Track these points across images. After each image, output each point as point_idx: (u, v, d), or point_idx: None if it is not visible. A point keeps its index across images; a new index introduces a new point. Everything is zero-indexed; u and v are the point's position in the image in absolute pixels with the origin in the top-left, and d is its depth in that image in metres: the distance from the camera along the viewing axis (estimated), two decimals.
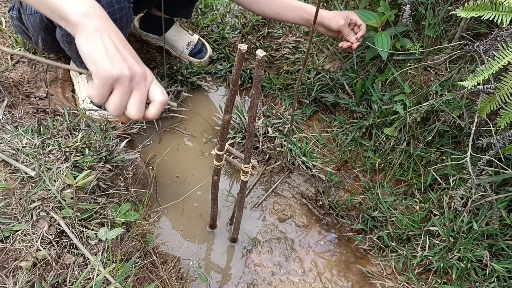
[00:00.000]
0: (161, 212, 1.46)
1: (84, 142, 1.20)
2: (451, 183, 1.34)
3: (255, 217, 1.51)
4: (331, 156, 1.60)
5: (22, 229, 1.00)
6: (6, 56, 1.54)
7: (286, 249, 1.44)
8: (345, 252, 1.45)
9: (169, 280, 1.22)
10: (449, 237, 1.28)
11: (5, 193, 1.04)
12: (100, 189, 1.21)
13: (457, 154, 1.35)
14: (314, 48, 1.76)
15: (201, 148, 1.64)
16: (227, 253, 1.42)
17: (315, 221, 1.52)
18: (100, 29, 0.69)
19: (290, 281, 1.37)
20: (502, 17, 1.05)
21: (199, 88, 1.80)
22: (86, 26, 0.69)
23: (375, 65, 1.60)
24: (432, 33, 1.41)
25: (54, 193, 1.05)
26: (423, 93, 1.40)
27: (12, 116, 1.29)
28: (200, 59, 1.80)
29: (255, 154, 1.61)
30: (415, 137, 1.43)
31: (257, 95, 0.85)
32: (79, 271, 1.00)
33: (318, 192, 1.54)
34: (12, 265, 0.95)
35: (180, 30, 1.78)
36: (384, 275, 1.37)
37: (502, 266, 1.20)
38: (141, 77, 0.70)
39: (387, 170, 1.50)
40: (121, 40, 0.71)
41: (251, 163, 1.05)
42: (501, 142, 1.13)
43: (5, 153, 1.11)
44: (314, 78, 1.69)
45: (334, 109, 1.71)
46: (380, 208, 1.43)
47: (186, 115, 1.71)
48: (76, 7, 0.69)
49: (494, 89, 1.09)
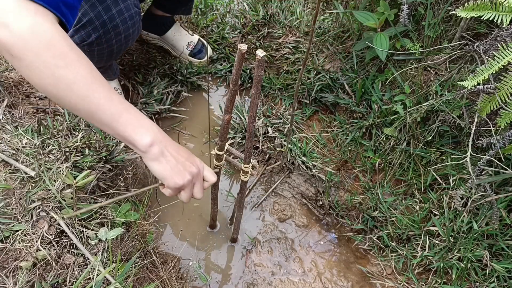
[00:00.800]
0: (161, 212, 1.46)
1: (84, 142, 1.20)
2: (451, 183, 1.34)
3: (255, 217, 1.51)
4: (331, 156, 1.60)
5: (22, 229, 1.00)
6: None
7: (286, 249, 1.44)
8: (345, 252, 1.45)
9: (169, 280, 1.22)
10: (449, 237, 1.28)
11: (5, 193, 1.04)
12: (100, 189, 1.21)
13: (457, 154, 1.35)
14: (314, 48, 1.76)
15: (201, 148, 1.64)
16: (227, 253, 1.42)
17: (315, 221, 1.52)
18: (163, 151, 0.85)
19: (290, 281, 1.37)
20: (502, 17, 1.05)
21: (199, 88, 1.80)
22: (153, 153, 0.84)
23: (375, 65, 1.60)
24: (432, 33, 1.41)
25: (54, 193, 1.05)
26: (423, 93, 1.40)
27: (12, 116, 1.29)
28: (200, 59, 1.80)
29: (255, 154, 1.61)
30: (415, 137, 1.43)
31: (257, 95, 0.85)
32: (79, 271, 1.00)
33: (318, 192, 1.54)
34: (12, 265, 0.95)
35: (180, 30, 1.78)
36: (384, 275, 1.37)
37: (502, 266, 1.20)
38: (198, 173, 0.92)
39: (387, 170, 1.50)
40: (177, 149, 0.89)
41: (251, 163, 1.05)
42: (501, 142, 1.13)
43: (5, 153, 1.11)
44: (314, 78, 1.69)
45: (334, 109, 1.71)
46: (380, 208, 1.43)
47: (186, 115, 1.71)
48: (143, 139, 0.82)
49: (494, 89, 1.09)
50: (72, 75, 0.76)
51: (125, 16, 1.24)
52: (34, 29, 0.72)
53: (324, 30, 1.77)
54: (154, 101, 1.64)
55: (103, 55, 1.29)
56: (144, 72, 1.73)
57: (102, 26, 1.21)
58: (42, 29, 0.73)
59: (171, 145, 0.87)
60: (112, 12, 1.21)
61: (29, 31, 0.71)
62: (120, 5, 1.23)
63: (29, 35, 0.71)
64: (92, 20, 1.18)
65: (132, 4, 1.27)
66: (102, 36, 1.22)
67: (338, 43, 1.72)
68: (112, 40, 1.25)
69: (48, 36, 0.73)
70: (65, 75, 0.75)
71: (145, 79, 1.71)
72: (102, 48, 1.25)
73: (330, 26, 1.78)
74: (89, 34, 1.19)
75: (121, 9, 1.23)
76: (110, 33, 1.23)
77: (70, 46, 0.76)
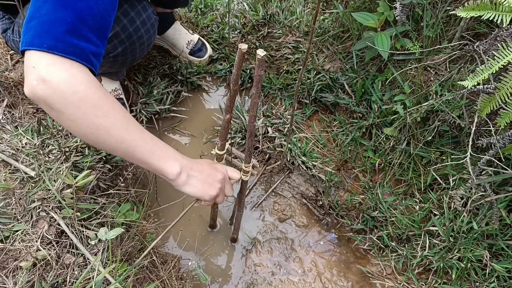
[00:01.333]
0: (161, 212, 1.46)
1: (84, 142, 1.20)
2: (451, 183, 1.34)
3: (255, 217, 1.51)
4: (331, 156, 1.60)
5: (22, 229, 1.00)
6: (6, 56, 1.54)
7: (286, 249, 1.44)
8: (345, 252, 1.45)
9: (169, 280, 1.22)
10: (449, 237, 1.28)
11: (5, 193, 1.04)
12: (100, 189, 1.21)
13: (457, 154, 1.35)
14: (314, 48, 1.76)
15: (201, 148, 1.64)
16: (227, 253, 1.42)
17: (315, 221, 1.52)
18: (189, 174, 0.95)
19: (290, 281, 1.37)
20: (502, 17, 1.05)
21: (199, 88, 1.80)
22: (182, 179, 0.94)
23: (375, 65, 1.60)
24: (432, 33, 1.41)
25: (54, 193, 1.05)
26: (423, 93, 1.40)
27: (12, 116, 1.28)
28: (200, 58, 1.80)
29: (255, 154, 1.61)
30: (415, 137, 1.43)
31: (257, 94, 0.85)
32: (79, 271, 1.00)
33: (318, 192, 1.54)
34: (12, 265, 0.95)
35: (180, 29, 1.78)
36: (384, 275, 1.37)
37: (502, 266, 1.20)
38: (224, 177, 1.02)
39: (387, 170, 1.50)
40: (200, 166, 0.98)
41: (251, 163, 1.05)
42: (501, 142, 1.13)
43: (5, 153, 1.11)
44: (314, 78, 1.69)
45: (334, 109, 1.71)
46: (380, 208, 1.43)
47: (186, 115, 1.71)
48: (173, 170, 0.92)
49: (494, 89, 1.09)
50: (110, 122, 0.83)
51: (147, 26, 1.28)
52: (71, 83, 0.77)
53: (324, 30, 1.77)
54: (154, 101, 1.64)
55: (126, 63, 1.31)
56: (144, 72, 1.73)
57: (128, 38, 1.22)
58: (78, 82, 0.78)
59: (194, 165, 0.97)
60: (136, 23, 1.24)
61: (67, 86, 0.76)
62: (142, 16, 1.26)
63: (67, 89, 0.76)
64: (119, 33, 1.19)
65: (151, 12, 1.29)
66: (128, 48, 1.24)
67: (338, 43, 1.73)
68: (136, 49, 1.28)
69: (84, 88, 0.78)
70: (104, 123, 0.82)
71: (145, 79, 1.70)
72: (126, 58, 1.28)
73: (330, 26, 1.78)
74: (116, 47, 1.20)
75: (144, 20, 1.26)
76: (135, 43, 1.25)
77: (105, 94, 0.82)
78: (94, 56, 0.83)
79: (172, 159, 0.92)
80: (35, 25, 0.77)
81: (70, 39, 0.77)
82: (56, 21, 0.77)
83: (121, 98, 1.56)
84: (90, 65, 0.82)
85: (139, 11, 1.24)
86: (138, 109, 1.61)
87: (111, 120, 0.83)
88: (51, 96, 0.77)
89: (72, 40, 0.78)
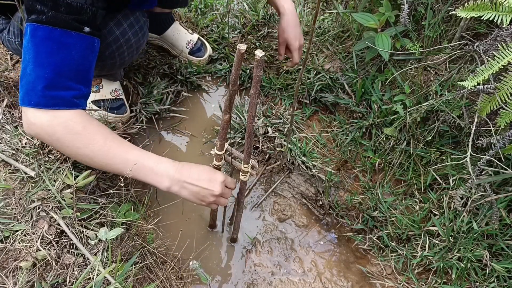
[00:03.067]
0: (161, 212, 1.46)
1: None
2: (451, 183, 1.34)
3: (255, 217, 1.51)
4: (331, 156, 1.60)
5: (22, 229, 1.00)
6: (6, 56, 1.54)
7: (286, 249, 1.44)
8: (345, 252, 1.45)
9: (169, 280, 1.22)
10: (449, 237, 1.28)
11: (5, 193, 1.04)
12: (100, 189, 1.21)
13: (457, 154, 1.35)
14: (314, 48, 1.76)
15: (201, 148, 1.64)
16: (227, 253, 1.42)
17: (315, 221, 1.52)
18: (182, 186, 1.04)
19: (290, 281, 1.37)
20: (502, 17, 1.05)
21: (199, 88, 1.80)
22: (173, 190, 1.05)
23: (375, 65, 1.60)
24: (432, 33, 1.41)
25: (54, 193, 1.05)
26: (423, 93, 1.40)
27: (12, 116, 1.29)
28: (200, 57, 1.80)
29: (255, 154, 1.61)
30: (415, 137, 1.43)
31: (256, 95, 0.85)
32: (79, 271, 1.00)
33: (318, 192, 1.54)
34: (12, 265, 0.95)
35: (179, 29, 1.78)
36: (384, 275, 1.37)
37: (502, 266, 1.20)
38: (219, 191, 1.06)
39: (387, 170, 1.50)
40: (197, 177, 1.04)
41: (250, 163, 1.05)
42: (501, 142, 1.13)
43: (5, 153, 1.12)
44: (314, 78, 1.69)
45: (334, 109, 1.71)
46: (380, 208, 1.43)
47: (186, 115, 1.71)
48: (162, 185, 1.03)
49: (494, 89, 1.09)
50: (90, 152, 0.98)
51: (135, 29, 1.26)
52: (51, 125, 0.94)
53: (324, 30, 1.77)
54: (154, 101, 1.64)
55: (115, 66, 1.30)
56: (144, 72, 1.73)
57: (115, 42, 1.21)
58: (58, 121, 0.95)
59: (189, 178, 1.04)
60: (123, 26, 1.22)
61: (48, 127, 0.95)
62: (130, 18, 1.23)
63: (50, 130, 0.95)
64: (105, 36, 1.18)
65: (140, 14, 1.27)
66: (115, 51, 1.23)
67: (338, 43, 1.73)
68: (124, 53, 1.26)
69: (62, 128, 0.95)
70: (85, 153, 0.98)
71: (145, 79, 1.70)
72: (114, 61, 1.26)
73: (330, 26, 1.78)
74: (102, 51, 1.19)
75: (131, 22, 1.24)
76: (122, 47, 1.24)
77: (84, 128, 0.97)
78: (77, 98, 0.98)
79: (159, 176, 1.02)
80: (24, 84, 0.94)
81: (49, 93, 0.93)
82: (36, 79, 0.92)
83: (121, 99, 1.56)
84: (75, 107, 0.97)
85: (126, 14, 1.22)
86: (138, 109, 1.61)
87: (91, 150, 0.98)
88: (39, 135, 0.97)
89: (51, 94, 0.93)
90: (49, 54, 0.91)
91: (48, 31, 0.90)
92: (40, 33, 0.90)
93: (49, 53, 0.91)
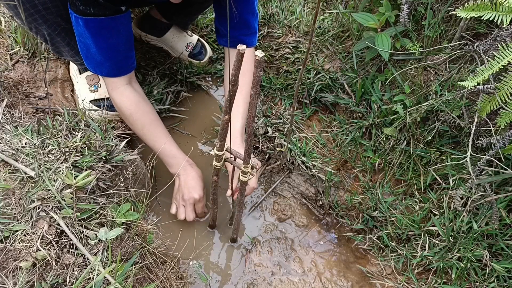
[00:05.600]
0: (161, 212, 1.46)
1: (84, 142, 1.20)
2: (451, 183, 1.34)
3: (255, 217, 1.51)
4: (331, 156, 1.60)
5: (22, 229, 1.00)
6: (6, 55, 1.54)
7: (286, 249, 1.44)
8: (345, 252, 1.45)
9: (169, 280, 1.22)
10: (449, 237, 1.28)
11: (5, 193, 1.04)
12: (100, 189, 1.21)
13: (457, 154, 1.35)
14: (314, 48, 1.76)
15: (201, 148, 1.64)
16: (227, 253, 1.42)
17: (315, 221, 1.52)
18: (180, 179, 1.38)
19: (290, 281, 1.37)
20: (502, 17, 1.05)
21: (199, 88, 1.80)
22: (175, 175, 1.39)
23: (375, 65, 1.60)
24: (432, 33, 1.41)
25: (54, 193, 1.05)
26: (423, 93, 1.40)
27: (12, 116, 1.28)
28: (200, 60, 1.80)
29: (255, 154, 1.61)
30: (415, 137, 1.43)
31: (256, 95, 0.85)
32: (79, 271, 1.00)
33: (318, 192, 1.54)
34: (12, 265, 0.95)
35: (179, 32, 1.78)
36: (384, 275, 1.37)
37: (501, 266, 1.20)
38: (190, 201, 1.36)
39: (387, 170, 1.50)
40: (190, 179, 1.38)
41: (250, 163, 1.05)
42: (501, 142, 1.13)
43: (5, 153, 1.11)
44: (314, 78, 1.69)
45: (334, 109, 1.71)
46: (380, 208, 1.43)
47: (186, 115, 1.71)
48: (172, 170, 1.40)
49: (494, 89, 1.09)
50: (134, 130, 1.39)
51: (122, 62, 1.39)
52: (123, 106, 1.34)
53: (324, 30, 1.77)
54: (154, 101, 1.64)
55: None
56: (144, 72, 1.73)
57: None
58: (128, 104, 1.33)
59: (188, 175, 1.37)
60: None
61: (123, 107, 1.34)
62: None
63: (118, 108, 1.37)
64: None
65: None
66: None
67: (338, 43, 1.72)
68: None
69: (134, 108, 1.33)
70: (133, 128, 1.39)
71: (145, 79, 1.70)
72: None
73: (330, 26, 1.78)
74: None
75: None
76: None
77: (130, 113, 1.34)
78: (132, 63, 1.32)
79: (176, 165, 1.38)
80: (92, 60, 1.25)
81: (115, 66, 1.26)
82: (104, 61, 1.24)
83: None
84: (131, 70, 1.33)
85: None
86: None
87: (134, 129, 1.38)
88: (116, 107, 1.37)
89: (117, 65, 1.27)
90: (106, 39, 1.18)
91: (97, 22, 1.13)
92: (92, 24, 1.14)
93: (105, 38, 1.18)
